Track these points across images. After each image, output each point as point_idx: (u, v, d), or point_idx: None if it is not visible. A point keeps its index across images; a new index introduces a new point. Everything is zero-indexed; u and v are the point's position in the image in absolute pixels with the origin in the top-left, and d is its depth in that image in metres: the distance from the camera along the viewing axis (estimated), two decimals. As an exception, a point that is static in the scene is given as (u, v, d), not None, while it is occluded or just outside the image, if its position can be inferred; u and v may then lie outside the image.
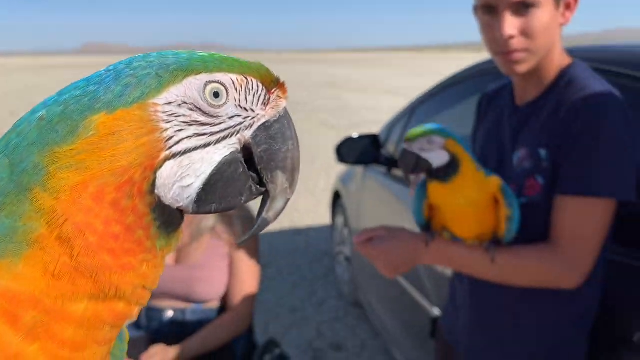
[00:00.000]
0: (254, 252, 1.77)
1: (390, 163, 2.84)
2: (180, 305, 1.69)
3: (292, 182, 0.47)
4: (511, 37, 1.15)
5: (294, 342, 3.35)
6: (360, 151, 2.86)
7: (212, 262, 1.68)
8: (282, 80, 0.47)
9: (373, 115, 13.25)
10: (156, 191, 0.41)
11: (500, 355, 1.29)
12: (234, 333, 1.69)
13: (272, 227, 5.52)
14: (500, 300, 1.28)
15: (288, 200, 0.48)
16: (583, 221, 1.10)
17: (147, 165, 0.39)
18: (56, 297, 0.36)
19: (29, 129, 0.39)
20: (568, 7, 1.20)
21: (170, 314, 1.67)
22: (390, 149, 3.00)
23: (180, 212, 0.44)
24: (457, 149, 1.15)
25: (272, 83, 0.46)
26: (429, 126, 1.17)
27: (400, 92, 18.49)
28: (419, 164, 1.15)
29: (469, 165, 1.15)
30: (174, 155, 0.41)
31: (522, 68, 1.19)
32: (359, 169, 3.42)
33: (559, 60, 1.23)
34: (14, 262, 0.35)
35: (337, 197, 4.16)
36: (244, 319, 1.72)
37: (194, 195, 0.42)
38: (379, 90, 21.34)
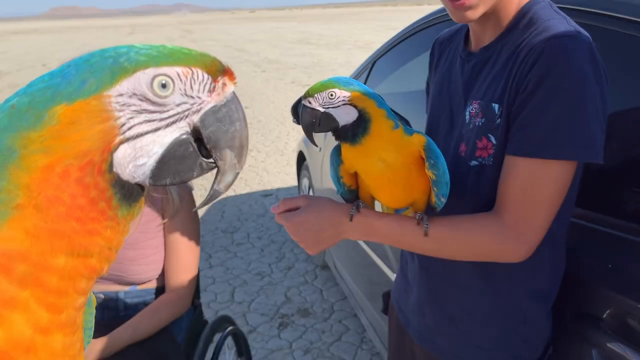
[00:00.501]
0: (193, 230, 1.61)
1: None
2: (113, 288, 1.54)
3: (240, 158, 0.54)
4: None
5: (261, 309, 3.25)
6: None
7: (145, 239, 1.53)
8: (228, 67, 0.53)
9: (346, 71, 12.95)
10: (114, 169, 0.47)
11: (453, 337, 1.17)
12: (171, 316, 1.55)
13: (242, 191, 5.38)
14: (453, 276, 1.16)
15: (237, 174, 0.54)
16: (534, 185, 0.96)
17: (104, 149, 0.46)
18: (39, 254, 0.42)
19: (1, 116, 0.44)
20: None
21: (100, 298, 1.52)
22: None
23: (140, 186, 0.50)
24: (366, 104, 0.98)
25: (218, 72, 0.51)
26: (331, 78, 1.00)
27: (374, 47, 17.91)
28: (321, 123, 0.98)
29: (381, 122, 0.99)
30: (127, 139, 0.47)
31: (474, 14, 1.02)
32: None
33: None
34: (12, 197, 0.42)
35: (302, 158, 4.00)
36: (182, 299, 1.58)
37: (147, 172, 0.49)
38: (352, 46, 20.88)
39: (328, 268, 3.53)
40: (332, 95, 0.96)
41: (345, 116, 0.97)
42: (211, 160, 0.53)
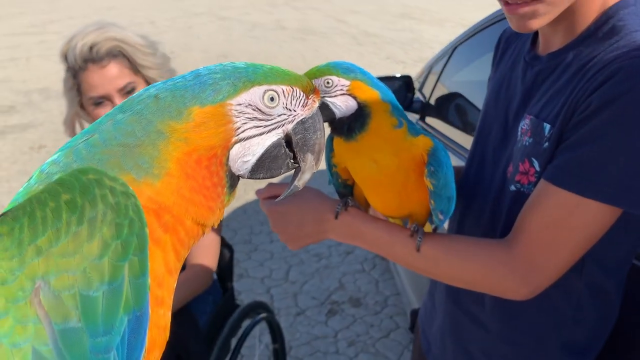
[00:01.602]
0: None
1: (424, 109, 2.47)
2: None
3: (317, 160, 0.64)
4: None
5: (313, 291, 3.20)
6: (389, 95, 2.50)
7: None
8: (316, 87, 0.64)
9: (444, 51, 12.41)
10: (229, 163, 0.58)
11: None
12: (189, 294, 1.50)
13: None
14: (476, 312, 0.99)
15: (313, 173, 0.64)
16: (562, 222, 0.78)
17: (224, 146, 0.57)
18: (178, 210, 0.53)
19: (149, 102, 0.55)
20: None
21: None
22: (427, 93, 2.62)
23: (237, 177, 0.60)
24: (367, 95, 0.86)
25: (310, 90, 0.62)
26: (330, 63, 0.87)
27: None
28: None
29: (382, 119, 0.86)
30: (240, 140, 0.58)
31: (534, 24, 0.83)
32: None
33: None
34: (153, 183, 0.52)
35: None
36: (200, 277, 1.54)
37: (249, 167, 0.60)
38: (457, 24, 19.91)
39: (386, 259, 3.40)
40: (328, 83, 0.85)
41: (343, 108, 0.86)
42: (295, 161, 0.63)
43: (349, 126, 0.86)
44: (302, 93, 0.62)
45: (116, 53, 1.42)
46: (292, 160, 0.63)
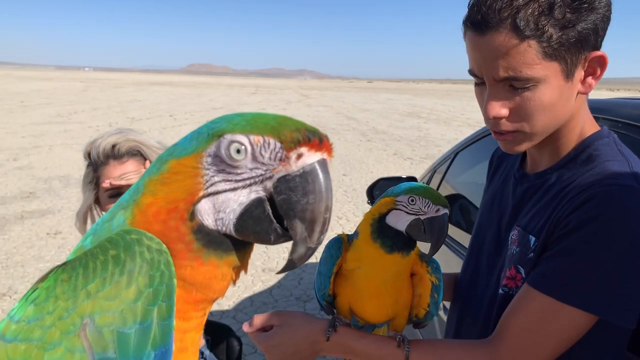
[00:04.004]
0: None
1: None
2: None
3: (311, 232, 0.55)
4: (498, 118, 0.93)
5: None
6: (393, 195, 2.64)
7: None
8: (318, 139, 0.55)
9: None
10: (198, 218, 0.55)
11: None
12: None
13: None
14: None
15: (310, 248, 0.56)
16: (544, 325, 0.87)
17: (188, 200, 0.55)
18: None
19: (154, 163, 0.59)
20: (593, 72, 0.92)
21: None
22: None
23: (222, 235, 0.57)
24: None
25: (293, 142, 0.54)
26: (419, 185, 1.01)
27: (483, 125, 17.63)
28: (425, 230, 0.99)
29: None
30: (209, 195, 0.55)
31: (520, 148, 0.98)
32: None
33: (582, 128, 0.99)
34: (128, 222, 0.56)
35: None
36: None
37: (231, 225, 0.56)
38: (462, 123, 20.69)
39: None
40: (412, 200, 0.98)
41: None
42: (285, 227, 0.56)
43: (411, 243, 0.99)
44: (278, 144, 0.54)
45: (135, 152, 1.57)
46: (279, 226, 0.56)
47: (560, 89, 0.90)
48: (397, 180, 2.63)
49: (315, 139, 0.55)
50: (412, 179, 2.71)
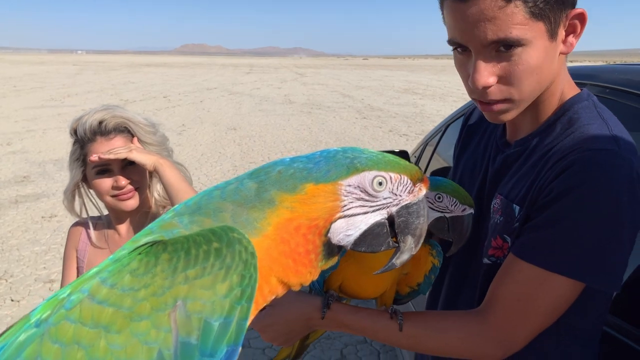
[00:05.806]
0: None
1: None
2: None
3: (417, 243, 0.69)
4: (486, 87, 0.91)
5: (314, 363, 3.20)
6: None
7: None
8: (426, 177, 0.70)
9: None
10: (329, 235, 0.65)
11: None
12: None
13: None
14: None
15: (412, 254, 0.70)
16: (532, 294, 0.87)
17: (327, 219, 0.64)
18: (262, 267, 0.60)
19: (273, 174, 0.65)
20: (573, 30, 0.92)
21: None
22: (422, 167, 2.76)
23: (339, 247, 0.67)
24: None
25: (418, 180, 0.68)
26: (442, 180, 1.03)
27: (481, 101, 17.53)
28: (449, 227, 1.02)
29: None
30: (345, 216, 0.65)
31: (506, 117, 0.96)
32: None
33: (562, 91, 0.98)
34: (252, 236, 0.61)
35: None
36: None
37: (352, 240, 0.66)
38: (458, 98, 20.59)
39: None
40: (439, 197, 1.00)
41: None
42: (395, 241, 0.69)
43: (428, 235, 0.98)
44: (409, 181, 0.67)
45: (122, 129, 1.55)
46: (392, 240, 0.68)
47: (545, 49, 0.89)
48: (389, 153, 2.61)
49: (425, 177, 0.70)
50: (403, 152, 2.69)
